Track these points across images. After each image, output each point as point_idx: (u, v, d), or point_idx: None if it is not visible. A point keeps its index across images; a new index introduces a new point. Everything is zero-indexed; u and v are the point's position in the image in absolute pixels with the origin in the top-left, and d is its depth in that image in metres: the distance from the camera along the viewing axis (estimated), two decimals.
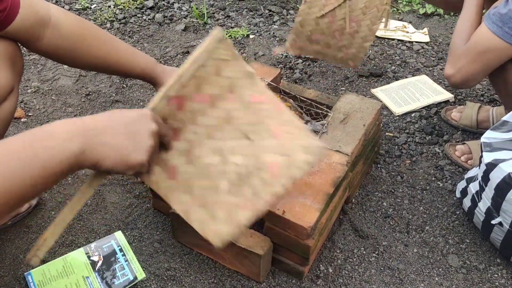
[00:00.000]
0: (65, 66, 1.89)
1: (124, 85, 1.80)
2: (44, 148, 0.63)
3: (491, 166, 1.08)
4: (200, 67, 0.79)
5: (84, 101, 1.71)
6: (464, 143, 1.47)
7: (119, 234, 1.19)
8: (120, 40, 1.10)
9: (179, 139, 0.83)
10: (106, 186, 1.37)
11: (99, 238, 1.21)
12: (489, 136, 1.14)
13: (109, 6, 2.31)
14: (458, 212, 1.31)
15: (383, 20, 1.38)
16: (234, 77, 0.83)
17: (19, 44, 0.99)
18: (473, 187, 1.20)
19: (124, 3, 2.32)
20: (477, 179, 1.17)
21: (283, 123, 0.85)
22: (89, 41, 1.03)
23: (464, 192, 1.25)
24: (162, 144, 0.80)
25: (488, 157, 1.10)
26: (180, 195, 0.82)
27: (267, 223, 1.06)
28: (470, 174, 1.25)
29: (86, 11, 2.28)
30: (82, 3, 2.31)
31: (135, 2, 2.34)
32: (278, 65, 1.93)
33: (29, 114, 1.64)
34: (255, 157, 0.82)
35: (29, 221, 1.26)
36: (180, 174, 0.82)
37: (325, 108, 1.32)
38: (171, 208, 1.14)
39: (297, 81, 1.83)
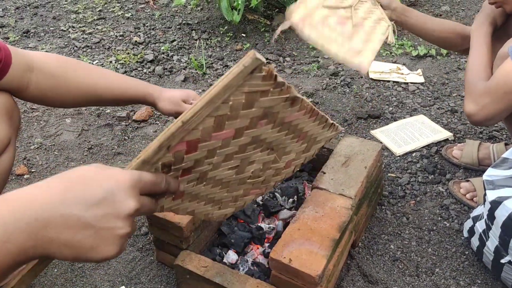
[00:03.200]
0: (68, 121, 1.92)
1: (126, 137, 1.82)
2: None
3: (495, 204, 1.08)
4: (219, 106, 0.57)
5: (86, 155, 1.73)
6: (468, 181, 1.47)
7: None
8: (106, 69, 1.09)
9: (190, 173, 0.68)
10: None
11: None
12: (490, 174, 1.15)
13: (111, 62, 2.38)
14: (467, 252, 1.28)
15: (388, 35, 1.32)
16: (271, 105, 0.63)
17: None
18: (480, 226, 1.18)
19: (125, 58, 2.39)
20: (483, 218, 1.16)
21: (311, 127, 0.78)
22: (74, 72, 1.03)
23: (471, 231, 1.24)
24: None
25: (491, 195, 1.10)
26: (186, 204, 0.77)
27: (273, 271, 1.04)
28: (475, 212, 1.24)
29: None
30: (84, 60, 2.39)
31: (136, 57, 2.41)
32: None
33: (32, 170, 1.65)
34: (272, 161, 0.80)
35: None
36: (188, 192, 0.73)
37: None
38: (175, 260, 1.12)
39: None
